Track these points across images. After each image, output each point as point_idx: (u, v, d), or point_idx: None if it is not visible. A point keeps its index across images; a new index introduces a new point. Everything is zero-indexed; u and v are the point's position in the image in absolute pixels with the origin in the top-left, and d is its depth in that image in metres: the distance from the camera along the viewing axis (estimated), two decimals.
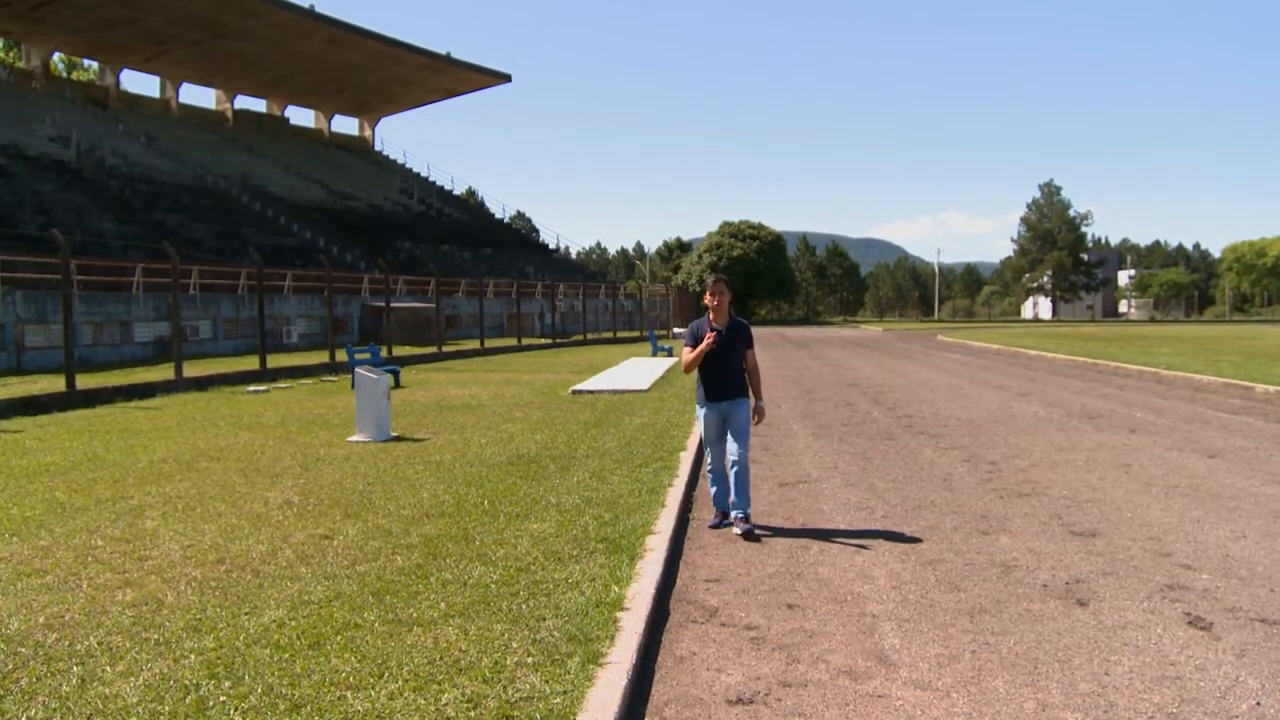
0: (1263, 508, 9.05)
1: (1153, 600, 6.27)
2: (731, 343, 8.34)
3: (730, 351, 8.34)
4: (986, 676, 5.02)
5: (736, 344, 8.40)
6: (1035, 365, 30.88)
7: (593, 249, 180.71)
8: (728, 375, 8.37)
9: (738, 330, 8.44)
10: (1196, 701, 4.69)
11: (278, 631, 5.30)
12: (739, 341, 8.42)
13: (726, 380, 8.36)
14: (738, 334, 8.43)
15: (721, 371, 8.35)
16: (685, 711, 4.63)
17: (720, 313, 8.37)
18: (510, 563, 6.69)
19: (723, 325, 8.34)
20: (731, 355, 8.36)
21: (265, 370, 24.88)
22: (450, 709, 4.30)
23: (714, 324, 8.34)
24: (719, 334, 8.24)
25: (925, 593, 6.47)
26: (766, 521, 8.55)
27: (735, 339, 8.38)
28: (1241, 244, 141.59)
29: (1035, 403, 18.67)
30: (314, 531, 7.66)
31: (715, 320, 8.37)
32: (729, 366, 8.37)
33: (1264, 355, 32.10)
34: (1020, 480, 10.48)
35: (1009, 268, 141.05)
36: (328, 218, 61.99)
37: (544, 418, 15.39)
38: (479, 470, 10.44)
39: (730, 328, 8.38)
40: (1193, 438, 13.62)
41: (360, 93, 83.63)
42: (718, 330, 8.26)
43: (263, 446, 12.34)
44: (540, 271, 71.77)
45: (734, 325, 8.43)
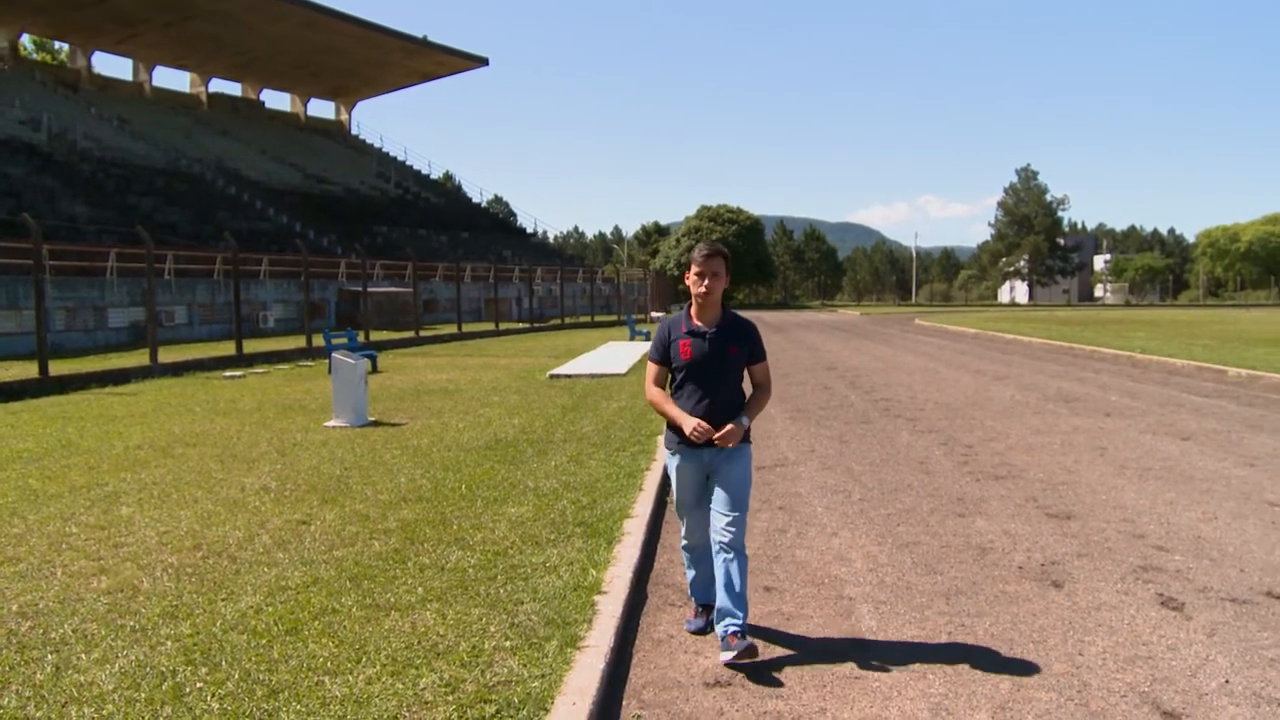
0: (1234, 490, 9.14)
1: (1126, 581, 6.33)
2: (724, 354, 5.15)
3: (724, 366, 5.15)
4: (962, 658, 5.05)
5: (732, 356, 5.17)
6: (1011, 349, 31.04)
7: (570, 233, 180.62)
8: (717, 404, 5.16)
9: (737, 334, 5.22)
10: (1168, 680, 4.74)
11: (254, 617, 5.28)
12: (736, 351, 5.19)
13: (716, 414, 5.14)
14: (736, 339, 5.20)
15: (708, 398, 5.17)
16: (663, 694, 4.65)
17: (710, 305, 5.19)
18: (488, 547, 6.69)
19: (711, 324, 5.18)
20: (725, 373, 5.16)
21: (241, 355, 24.74)
22: (428, 693, 4.30)
23: (697, 323, 5.20)
24: (707, 339, 5.16)
25: (902, 575, 6.51)
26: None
27: (731, 347, 5.17)
28: (1215, 229, 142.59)
29: (1011, 386, 18.78)
30: (291, 517, 7.63)
31: (700, 316, 5.21)
32: (721, 390, 5.17)
33: (1237, 339, 32.37)
34: (996, 463, 10.54)
35: (986, 252, 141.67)
36: (304, 202, 61.64)
37: (521, 402, 15.37)
38: (456, 455, 10.42)
39: (725, 330, 5.20)
40: (1167, 421, 13.73)
41: (336, 76, 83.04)
42: (704, 333, 5.16)
43: (239, 432, 12.28)
44: (518, 256, 71.58)
45: (730, 326, 5.23)
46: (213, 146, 65.03)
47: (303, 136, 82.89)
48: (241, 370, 22.55)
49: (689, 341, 5.18)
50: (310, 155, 76.15)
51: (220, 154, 63.48)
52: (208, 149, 63.57)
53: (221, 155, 63.25)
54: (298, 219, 56.05)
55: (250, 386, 18.65)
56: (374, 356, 22.17)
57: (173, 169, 55.60)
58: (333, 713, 4.12)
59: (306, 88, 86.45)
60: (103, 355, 26.10)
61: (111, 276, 32.37)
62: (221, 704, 4.21)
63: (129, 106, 66.74)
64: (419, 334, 36.13)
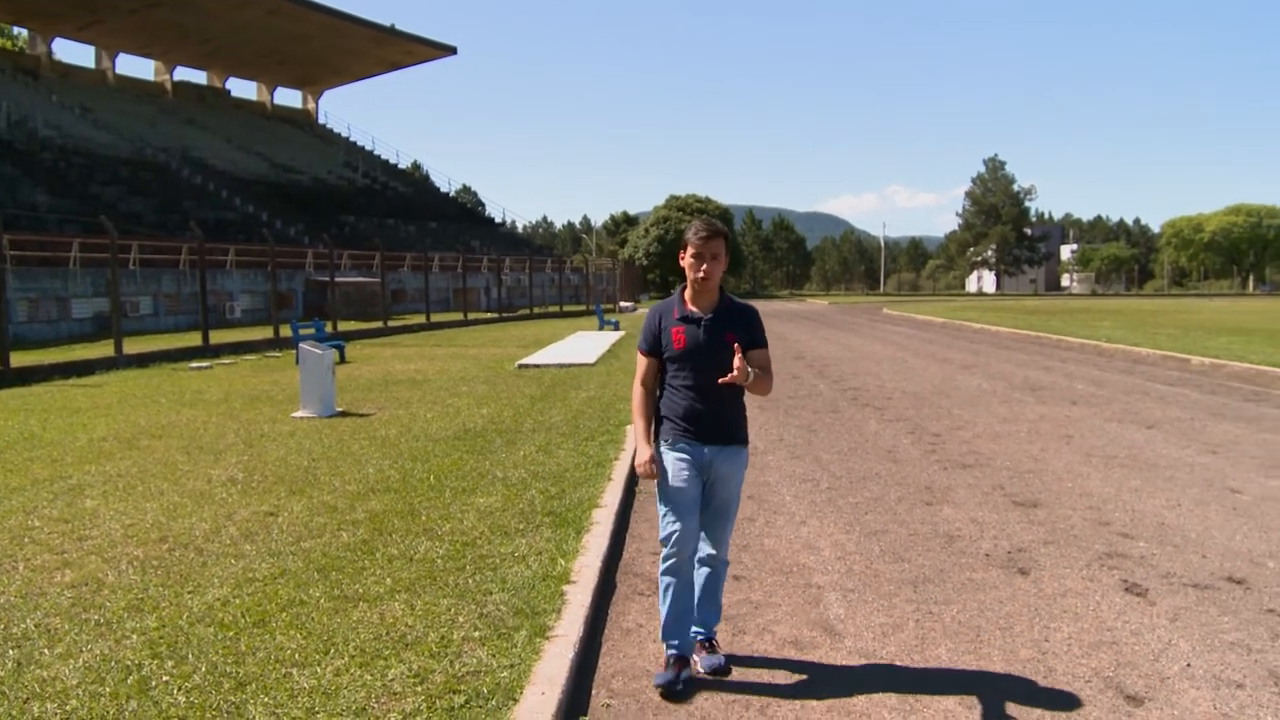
0: (1197, 477, 9.25)
1: (1091, 568, 6.39)
2: (721, 342, 4.62)
3: (721, 356, 4.58)
4: (930, 645, 5.09)
5: (729, 344, 4.60)
6: (979, 338, 31.26)
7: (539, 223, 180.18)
8: (714, 398, 4.65)
9: (735, 320, 4.73)
10: (1131, 665, 4.80)
11: (222, 610, 5.25)
12: (735, 339, 4.63)
13: (716, 407, 4.67)
14: (734, 325, 4.71)
15: (704, 391, 4.65)
16: (632, 683, 4.66)
17: (708, 290, 4.72)
18: (456, 537, 6.67)
19: (708, 310, 4.72)
20: (723, 363, 4.57)
21: (208, 346, 24.54)
22: (397, 684, 4.29)
23: (692, 308, 4.73)
24: (702, 326, 4.67)
25: (870, 563, 6.54)
26: None
27: (729, 334, 4.65)
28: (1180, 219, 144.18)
29: (979, 375, 18.90)
30: (258, 508, 7.58)
31: (696, 301, 4.74)
32: (719, 377, 4.58)
33: (1200, 328, 32.75)
34: (964, 451, 10.62)
35: (953, 242, 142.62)
36: (271, 191, 61.20)
37: (490, 392, 15.34)
38: (425, 445, 10.39)
39: (722, 315, 4.72)
40: (1132, 409, 13.87)
41: (303, 65, 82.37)
42: (699, 319, 4.68)
43: (205, 423, 12.18)
44: (486, 245, 71.33)
45: (728, 312, 4.75)
46: (178, 135, 64.40)
47: (269, 125, 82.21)
48: (208, 361, 22.37)
49: (682, 329, 4.69)
50: (277, 144, 75.54)
51: (185, 143, 62.88)
52: (173, 138, 62.95)
53: (187, 144, 62.65)
54: (264, 209, 55.63)
55: (217, 377, 18.51)
56: (342, 347, 22.06)
57: (137, 158, 55.04)
58: (301, 704, 4.11)
59: (273, 76, 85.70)
60: (66, 347, 25.83)
61: (75, 267, 32.01)
62: (188, 697, 4.19)
63: (91, 94, 65.95)
64: (387, 324, 35.97)
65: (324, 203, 64.52)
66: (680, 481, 4.67)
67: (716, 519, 4.79)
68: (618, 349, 24.93)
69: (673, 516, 4.67)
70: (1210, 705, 4.36)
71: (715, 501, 4.77)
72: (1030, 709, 4.34)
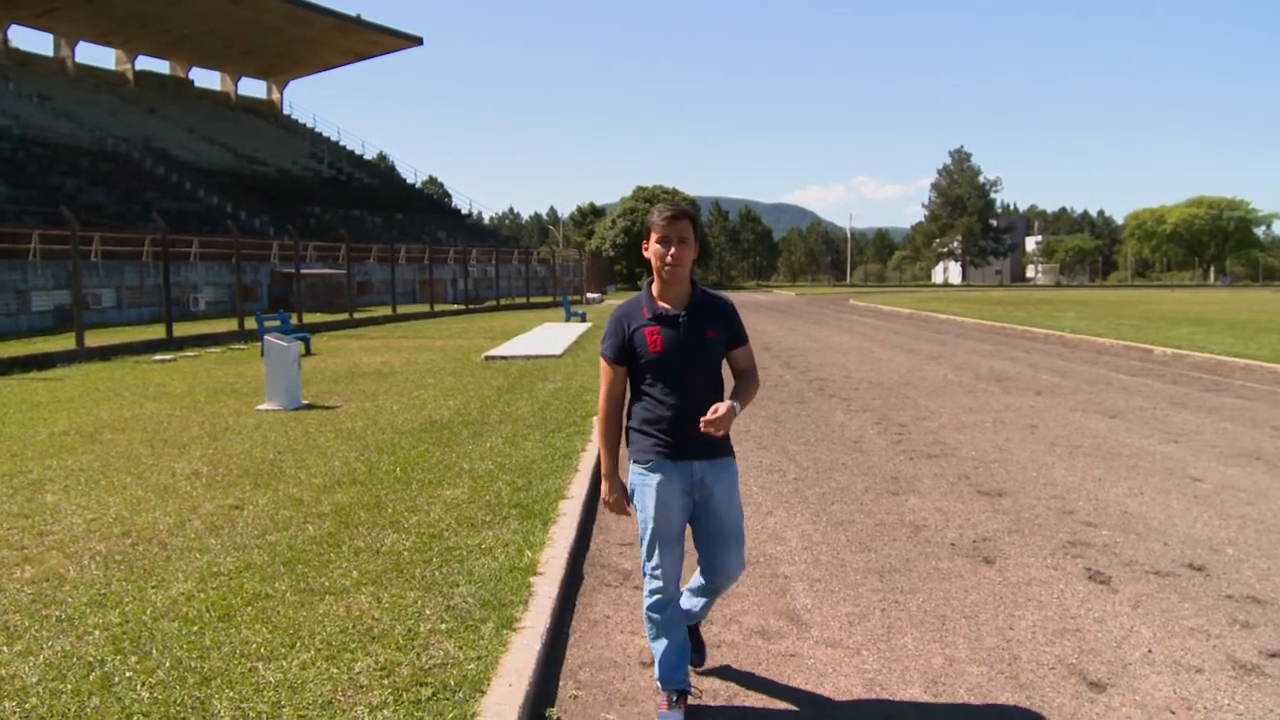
0: (1159, 465, 9.36)
1: (1055, 557, 6.45)
2: (701, 341, 4.09)
3: (701, 356, 4.09)
4: (896, 634, 5.13)
5: (710, 341, 4.12)
6: (945, 329, 31.46)
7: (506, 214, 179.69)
8: (697, 406, 4.00)
9: (712, 314, 4.16)
10: (1094, 652, 4.85)
11: (186, 604, 5.21)
12: (715, 335, 4.13)
13: (694, 415, 3.98)
14: (712, 320, 4.13)
15: (685, 399, 4.05)
16: (600, 674, 4.66)
17: (677, 280, 4.08)
18: (423, 530, 6.65)
19: (680, 305, 4.10)
20: (703, 364, 4.10)
21: (172, 339, 24.31)
22: (363, 677, 4.28)
23: (663, 305, 4.10)
24: (679, 324, 4.07)
25: (836, 553, 6.58)
26: None
27: (708, 330, 4.10)
28: (1143, 211, 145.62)
29: (945, 366, 19.03)
30: (223, 502, 7.53)
31: (665, 295, 4.12)
32: (700, 387, 4.09)
33: (1162, 319, 33.13)
34: (930, 442, 10.69)
35: (920, 233, 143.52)
36: (235, 182, 60.63)
37: (457, 384, 15.29)
38: (391, 437, 10.35)
39: (698, 310, 4.12)
40: (1095, 399, 14.01)
41: (267, 55, 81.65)
42: (674, 317, 4.07)
43: (169, 416, 12.07)
44: (453, 237, 71.08)
45: (704, 305, 4.15)
46: (140, 125, 63.65)
47: (233, 116, 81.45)
48: (172, 354, 22.16)
49: (655, 329, 4.04)
50: (241, 135, 74.86)
51: (148, 133, 62.15)
52: (135, 128, 62.21)
53: (149, 135, 61.92)
54: (229, 200, 55.13)
55: (181, 370, 18.34)
56: (307, 339, 21.91)
57: (98, 148, 54.34)
58: (267, 699, 4.08)
59: (237, 66, 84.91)
60: (26, 340, 25.50)
61: (34, 259, 31.57)
62: (152, 693, 4.15)
63: (50, 83, 65.04)
64: (353, 316, 35.77)
65: (289, 194, 64.01)
66: (664, 511, 4.08)
67: (727, 545, 4.17)
68: (584, 340, 24.93)
69: (656, 550, 4.14)
70: (1170, 690, 4.42)
71: (720, 525, 4.15)
72: (995, 696, 4.38)
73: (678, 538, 4.16)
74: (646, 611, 4.23)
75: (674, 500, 4.09)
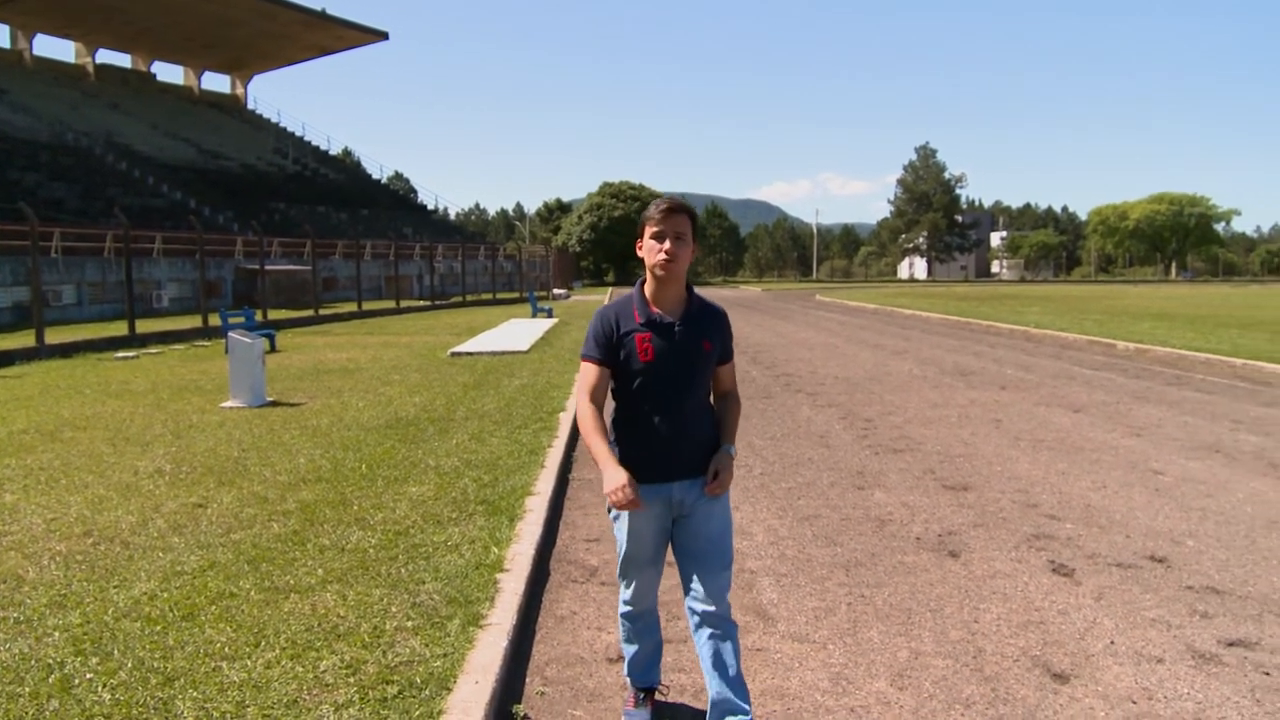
0: (1121, 459, 9.46)
1: (1020, 550, 6.51)
2: (698, 354, 3.78)
3: (694, 370, 3.78)
4: (862, 628, 5.15)
5: (706, 355, 3.81)
6: (910, 324, 31.64)
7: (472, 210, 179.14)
8: (685, 424, 3.79)
9: (709, 324, 3.86)
10: (1058, 644, 4.90)
11: (149, 604, 5.16)
12: (711, 349, 3.82)
13: (688, 432, 3.80)
14: (709, 331, 3.83)
15: (673, 416, 3.76)
16: (566, 671, 4.66)
17: (673, 281, 3.76)
18: (389, 527, 6.62)
19: (676, 312, 3.78)
20: (695, 379, 3.78)
21: (134, 335, 24.06)
22: (329, 675, 4.25)
23: (657, 310, 3.77)
24: (675, 333, 3.74)
25: (802, 548, 6.60)
26: None
27: (705, 342, 3.80)
28: (1106, 207, 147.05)
29: (910, 361, 19.14)
30: (187, 500, 7.46)
31: (660, 299, 3.79)
32: (689, 404, 3.79)
33: (1125, 314, 33.48)
34: (895, 436, 10.74)
35: (885, 229, 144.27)
36: (198, 178, 60.05)
37: (423, 380, 15.23)
38: (357, 434, 10.29)
39: (695, 318, 3.81)
40: (1059, 393, 14.13)
41: (231, 49, 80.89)
42: (670, 325, 3.74)
43: (132, 414, 11.95)
44: (419, 233, 70.67)
45: (700, 314, 3.85)
46: (101, 120, 62.92)
47: (197, 111, 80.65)
48: (134, 351, 21.93)
49: (647, 336, 3.70)
50: (205, 130, 74.15)
51: (109, 128, 61.45)
52: (96, 122, 61.49)
53: (111, 129, 61.23)
54: (192, 195, 54.59)
55: (144, 367, 18.15)
56: (272, 335, 21.76)
57: (58, 143, 53.68)
58: (231, 698, 4.05)
59: (200, 60, 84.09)
60: None
61: None
62: (113, 694, 4.10)
63: (7, 76, 64.08)
64: (318, 312, 35.57)
65: (254, 190, 63.47)
66: (640, 533, 3.83)
67: (708, 562, 3.78)
68: (551, 336, 24.90)
69: (632, 569, 3.94)
70: (1132, 681, 4.47)
71: (701, 541, 3.79)
72: (960, 689, 4.41)
73: (651, 559, 3.92)
74: (620, 616, 4.09)
75: (648, 525, 3.81)
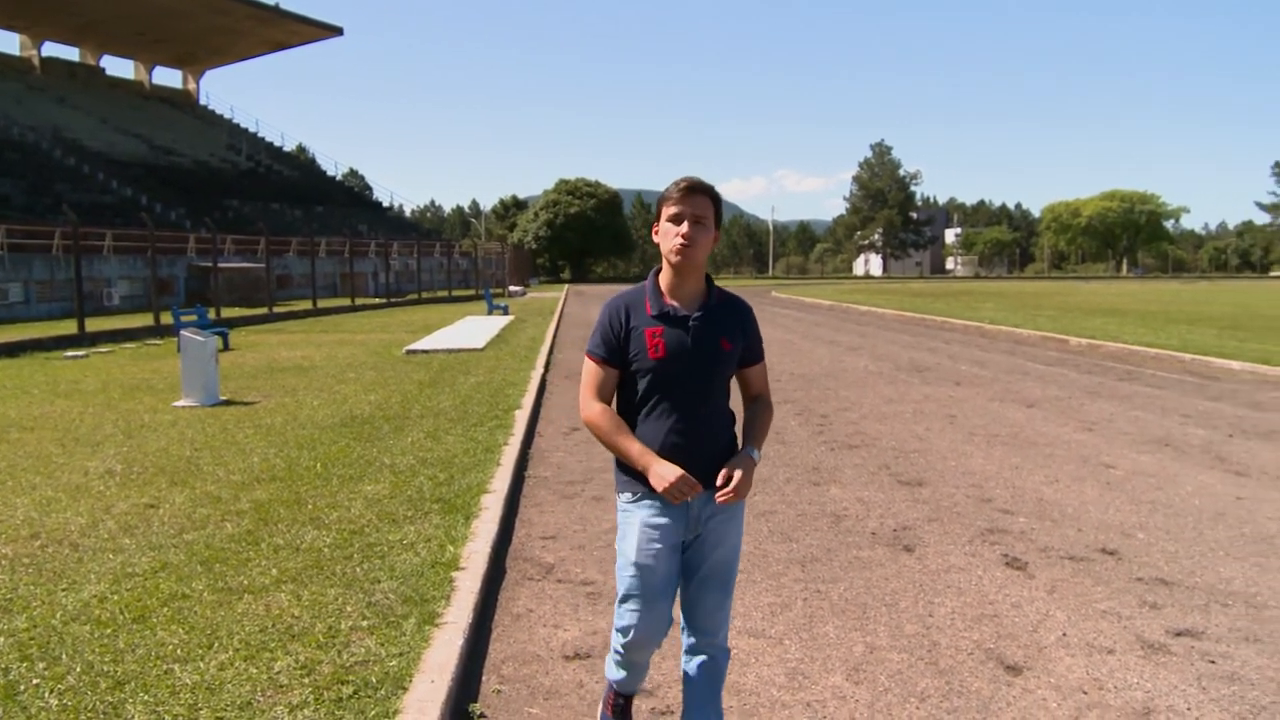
0: (1074, 454, 9.58)
1: (974, 544, 6.57)
2: (716, 351, 3.36)
3: (713, 370, 3.36)
4: (818, 622, 5.18)
5: (726, 354, 3.39)
6: (866, 321, 31.85)
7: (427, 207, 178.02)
8: (702, 430, 3.37)
9: (730, 319, 3.45)
10: (1011, 636, 4.95)
11: (99, 607, 5.08)
12: (731, 347, 3.40)
13: (706, 438, 3.39)
14: (730, 327, 3.42)
15: (689, 420, 3.35)
16: (523, 669, 4.65)
17: (691, 270, 3.37)
18: (344, 526, 6.58)
19: (693, 304, 3.38)
20: (713, 380, 3.38)
21: (84, 334, 23.71)
22: (283, 676, 4.21)
23: (672, 301, 3.38)
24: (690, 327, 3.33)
25: (758, 544, 6.62)
26: (598, 492, 8.55)
27: (724, 340, 3.38)
28: (1059, 204, 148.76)
29: (865, 357, 19.28)
30: (138, 501, 7.36)
31: (676, 291, 3.40)
32: (707, 406, 3.39)
33: (1078, 310, 33.91)
34: (851, 432, 10.81)
35: (841, 225, 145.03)
36: (150, 174, 59.26)
37: (378, 378, 15.14)
38: (311, 433, 10.21)
39: (714, 312, 3.40)
40: (1013, 389, 14.29)
41: (183, 43, 79.81)
42: (685, 318, 3.34)
43: (81, 414, 11.77)
44: (374, 230, 70.13)
45: (722, 308, 3.44)
46: (48, 115, 61.87)
47: (148, 106, 79.54)
48: (84, 350, 21.61)
49: (659, 330, 3.31)
50: (156, 126, 73.15)
51: (57, 123, 60.46)
52: (42, 117, 60.47)
53: (58, 124, 60.25)
54: (143, 192, 53.87)
55: (94, 366, 17.90)
56: (225, 334, 21.52)
57: (3, 137, 52.74)
58: (183, 701, 4.00)
59: (151, 55, 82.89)
60: None
61: None
62: (61, 700, 4.04)
63: None
64: (273, 310, 35.24)
65: (206, 186, 62.71)
66: (650, 557, 3.33)
67: (712, 590, 3.46)
68: (507, 334, 24.84)
69: (636, 603, 3.38)
70: (1084, 672, 4.52)
71: (708, 565, 3.43)
72: (915, 682, 4.44)
73: (661, 591, 3.36)
74: (617, 650, 3.55)
75: (659, 544, 3.33)
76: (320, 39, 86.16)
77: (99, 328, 25.49)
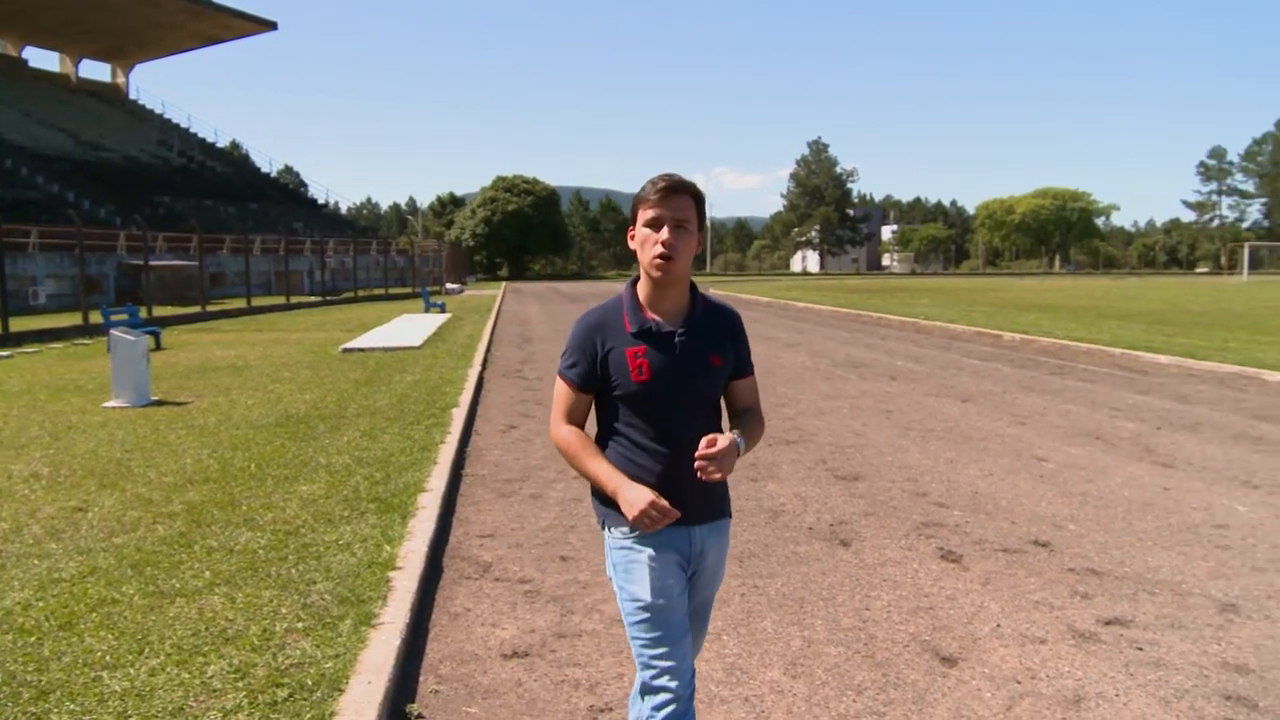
0: (1007, 447, 9.73)
1: (910, 538, 6.65)
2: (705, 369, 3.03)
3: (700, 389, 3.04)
4: (755, 617, 5.21)
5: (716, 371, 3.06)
6: (803, 317, 32.09)
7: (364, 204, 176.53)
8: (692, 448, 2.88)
9: (718, 332, 3.09)
10: (946, 628, 5.01)
11: (22, 614, 4.97)
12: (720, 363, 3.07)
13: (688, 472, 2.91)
14: (718, 341, 3.08)
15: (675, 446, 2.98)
16: (461, 668, 4.62)
17: (674, 280, 2.97)
18: (279, 527, 6.49)
19: (677, 318, 3.02)
20: (701, 399, 3.06)
21: (9, 334, 23.16)
22: (216, 680, 4.15)
23: (653, 316, 3.00)
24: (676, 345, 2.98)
25: None
26: (535, 490, 8.54)
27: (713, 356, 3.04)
28: (993, 201, 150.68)
29: (803, 353, 19.42)
30: (66, 504, 7.21)
31: (657, 304, 3.03)
32: (695, 429, 2.96)
33: (1012, 305, 34.44)
34: (788, 428, 10.88)
35: (779, 222, 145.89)
36: (77, 170, 58.02)
37: (313, 377, 14.96)
38: (245, 433, 10.06)
39: (700, 325, 3.04)
40: (948, 384, 14.48)
41: (111, 36, 78.22)
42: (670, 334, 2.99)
43: (5, 416, 11.50)
44: (309, 228, 69.30)
45: (708, 319, 3.08)
46: None
47: (75, 100, 77.84)
48: (9, 350, 21.11)
49: (641, 350, 2.96)
50: (84, 120, 71.64)
51: None
52: None
53: None
54: (70, 188, 52.75)
55: (19, 367, 17.49)
56: (157, 333, 21.15)
57: None
58: (112, 709, 3.92)
59: (78, 47, 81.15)
60: None
61: None
62: None
63: None
64: (206, 309, 34.69)
65: (137, 182, 61.54)
66: (664, 596, 2.97)
67: (698, 629, 3.28)
68: (444, 331, 24.69)
69: (662, 648, 2.96)
70: (1017, 662, 4.59)
71: (697, 602, 3.19)
72: (852, 675, 4.48)
73: (681, 629, 3.00)
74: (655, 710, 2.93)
75: (673, 576, 3.01)
76: (254, 33, 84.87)
77: (24, 327, 24.92)
